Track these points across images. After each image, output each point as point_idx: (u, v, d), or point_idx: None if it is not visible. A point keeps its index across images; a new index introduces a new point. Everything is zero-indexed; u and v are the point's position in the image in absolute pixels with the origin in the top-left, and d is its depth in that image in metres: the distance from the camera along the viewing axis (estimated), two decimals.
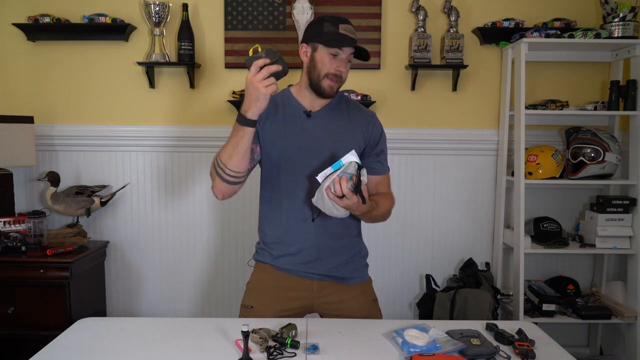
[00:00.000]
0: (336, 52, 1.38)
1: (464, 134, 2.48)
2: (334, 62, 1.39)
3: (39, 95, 2.45)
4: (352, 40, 1.37)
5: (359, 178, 1.22)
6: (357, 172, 1.22)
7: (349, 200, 1.22)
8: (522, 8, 2.42)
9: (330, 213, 1.29)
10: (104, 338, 1.32)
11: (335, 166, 1.24)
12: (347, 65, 1.42)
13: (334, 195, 1.22)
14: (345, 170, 1.22)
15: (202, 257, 2.53)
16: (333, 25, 1.37)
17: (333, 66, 1.39)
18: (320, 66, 1.40)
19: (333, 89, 1.42)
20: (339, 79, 1.41)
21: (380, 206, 1.44)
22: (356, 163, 1.23)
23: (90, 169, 2.47)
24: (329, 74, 1.39)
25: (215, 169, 1.39)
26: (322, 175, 1.25)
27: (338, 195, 1.22)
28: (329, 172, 1.24)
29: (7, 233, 2.16)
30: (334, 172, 1.23)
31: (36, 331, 2.09)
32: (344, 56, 1.39)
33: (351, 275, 1.53)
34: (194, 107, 2.46)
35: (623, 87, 2.28)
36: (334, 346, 1.27)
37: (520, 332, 1.32)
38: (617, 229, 2.27)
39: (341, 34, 1.36)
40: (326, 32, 1.38)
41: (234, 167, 1.35)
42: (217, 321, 1.42)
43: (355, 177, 1.22)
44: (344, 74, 1.41)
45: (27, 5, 2.38)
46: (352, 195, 1.22)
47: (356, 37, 1.39)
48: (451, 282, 2.40)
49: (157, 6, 2.29)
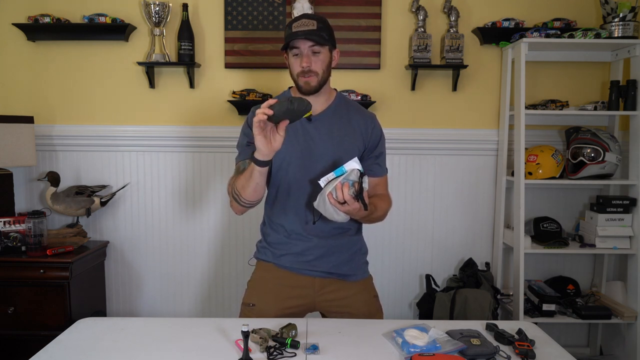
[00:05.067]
0: (296, 51, 1.41)
1: (464, 134, 2.48)
2: (298, 60, 1.42)
3: (39, 95, 2.45)
4: (302, 33, 1.37)
5: (361, 185, 1.24)
6: (360, 180, 1.24)
7: (350, 206, 1.24)
8: (522, 8, 2.42)
9: (331, 217, 1.31)
10: (104, 338, 1.32)
11: (337, 172, 1.26)
12: (312, 57, 1.41)
13: (335, 201, 1.24)
14: (348, 177, 1.24)
15: (202, 257, 2.53)
16: (289, 28, 1.41)
17: (298, 64, 1.41)
18: (291, 68, 1.45)
19: (309, 83, 1.42)
20: (310, 74, 1.41)
21: (378, 209, 1.46)
22: (358, 170, 1.25)
23: (90, 169, 2.47)
24: (298, 72, 1.42)
25: (232, 193, 1.44)
26: (324, 180, 1.27)
27: (339, 202, 1.24)
28: (331, 177, 1.26)
29: (7, 233, 2.16)
30: (336, 177, 1.25)
31: (36, 331, 2.09)
32: (304, 51, 1.40)
33: (352, 272, 1.55)
34: (194, 107, 2.46)
35: (623, 87, 2.28)
36: (334, 346, 1.27)
37: (520, 332, 1.32)
38: (617, 229, 2.27)
39: (293, 32, 1.39)
40: (285, 37, 1.43)
41: (247, 197, 1.39)
42: (217, 321, 1.42)
43: (357, 185, 1.24)
44: (311, 66, 1.41)
45: (27, 5, 2.38)
46: (354, 202, 1.24)
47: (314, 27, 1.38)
48: (451, 282, 2.40)
49: (157, 6, 2.29)
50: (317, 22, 1.40)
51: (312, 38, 1.38)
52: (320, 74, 1.43)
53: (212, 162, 2.47)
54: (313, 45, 1.40)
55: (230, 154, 2.37)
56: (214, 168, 2.48)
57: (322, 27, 1.40)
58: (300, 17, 1.41)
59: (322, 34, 1.39)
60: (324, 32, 1.40)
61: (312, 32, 1.38)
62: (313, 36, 1.38)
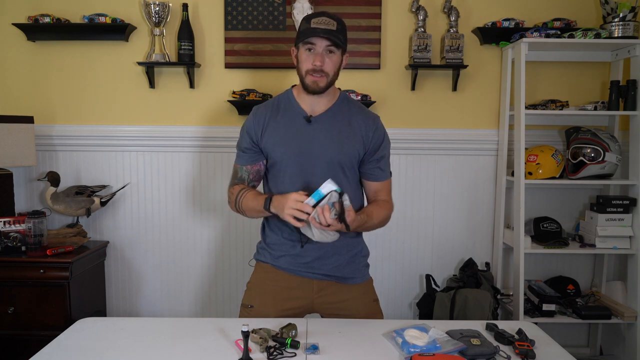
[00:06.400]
0: (310, 47, 1.39)
1: (464, 134, 2.48)
2: (310, 56, 1.39)
3: (39, 95, 2.45)
4: (321, 31, 1.35)
5: (341, 205, 1.26)
6: (339, 200, 1.26)
7: (334, 227, 1.27)
8: (522, 8, 2.42)
9: (320, 240, 1.32)
10: (104, 338, 1.32)
11: (315, 196, 1.28)
12: (326, 57, 1.39)
13: (319, 225, 1.26)
14: (329, 199, 1.26)
15: (202, 257, 2.53)
16: (306, 22, 1.39)
17: (310, 61, 1.39)
18: (301, 64, 1.42)
19: (317, 83, 1.40)
20: (320, 73, 1.39)
21: (374, 217, 1.44)
22: (336, 191, 1.26)
23: (90, 169, 2.47)
24: (309, 70, 1.40)
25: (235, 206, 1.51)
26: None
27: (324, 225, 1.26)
28: (311, 203, 1.28)
29: (7, 233, 2.16)
30: (316, 202, 1.27)
31: (36, 331, 2.09)
32: (319, 49, 1.38)
33: (352, 275, 1.53)
34: (194, 107, 2.46)
35: (623, 87, 2.28)
36: (334, 346, 1.27)
37: (520, 332, 1.32)
38: (617, 229, 2.27)
39: (312, 28, 1.36)
40: (301, 31, 1.40)
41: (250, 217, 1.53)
42: (217, 321, 1.42)
43: (338, 205, 1.26)
44: (324, 66, 1.39)
45: (27, 5, 2.38)
46: (337, 223, 1.26)
47: (333, 27, 1.37)
48: (451, 282, 2.40)
49: (157, 6, 2.29)
50: (337, 24, 1.38)
51: (331, 38, 1.36)
52: (331, 76, 1.41)
53: (212, 162, 2.47)
54: (330, 45, 1.38)
55: (231, 154, 2.37)
56: (214, 168, 2.48)
57: (340, 29, 1.39)
58: (321, 14, 1.39)
59: (340, 36, 1.38)
60: (341, 34, 1.39)
61: (331, 32, 1.36)
62: (332, 36, 1.36)
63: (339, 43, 1.38)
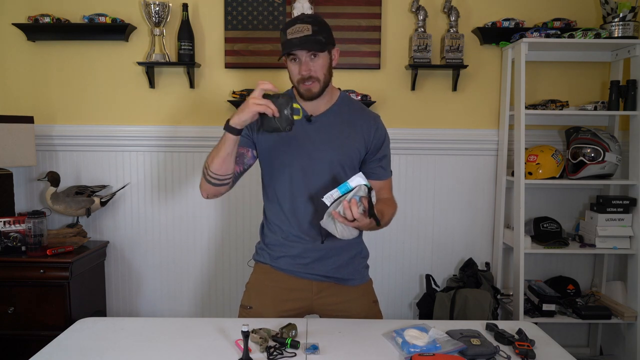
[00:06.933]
0: (293, 57, 1.37)
1: (464, 134, 2.48)
2: (296, 66, 1.38)
3: (39, 95, 2.45)
4: (297, 41, 1.32)
5: (370, 201, 1.20)
6: (368, 195, 1.20)
7: (359, 222, 1.20)
8: (522, 8, 2.42)
9: (341, 236, 1.26)
10: (104, 338, 1.32)
11: (342, 188, 1.21)
12: (311, 63, 1.36)
13: (343, 219, 1.20)
14: (356, 193, 1.20)
15: (202, 257, 2.53)
16: (284, 34, 1.36)
17: (297, 72, 1.38)
18: (291, 75, 1.41)
19: (310, 90, 1.39)
20: (310, 80, 1.37)
21: (385, 215, 1.42)
22: (365, 185, 1.21)
23: (90, 169, 2.47)
24: (299, 80, 1.38)
25: (202, 169, 1.41)
26: (329, 197, 1.23)
27: (349, 220, 1.20)
28: (335, 194, 1.22)
29: (7, 233, 2.16)
30: (342, 195, 1.21)
31: (36, 331, 2.09)
32: (302, 58, 1.36)
33: (351, 277, 1.52)
34: (194, 107, 2.46)
35: (623, 87, 2.28)
36: (334, 346, 1.27)
37: (520, 332, 1.32)
38: (617, 229, 2.27)
39: (288, 40, 1.34)
40: (282, 43, 1.38)
41: (215, 170, 1.35)
42: (217, 321, 1.42)
43: (366, 200, 1.20)
44: (311, 72, 1.36)
45: (27, 5, 2.38)
46: (364, 219, 1.20)
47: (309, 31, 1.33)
48: (451, 282, 2.40)
49: (157, 6, 2.29)
50: (312, 26, 1.33)
51: (307, 46, 1.33)
52: (322, 79, 1.38)
53: None
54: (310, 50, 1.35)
55: None
56: None
57: (317, 30, 1.34)
58: (294, 22, 1.35)
59: (319, 37, 1.34)
60: (320, 34, 1.35)
61: (307, 38, 1.33)
62: (308, 44, 1.33)
63: (318, 48, 1.34)
